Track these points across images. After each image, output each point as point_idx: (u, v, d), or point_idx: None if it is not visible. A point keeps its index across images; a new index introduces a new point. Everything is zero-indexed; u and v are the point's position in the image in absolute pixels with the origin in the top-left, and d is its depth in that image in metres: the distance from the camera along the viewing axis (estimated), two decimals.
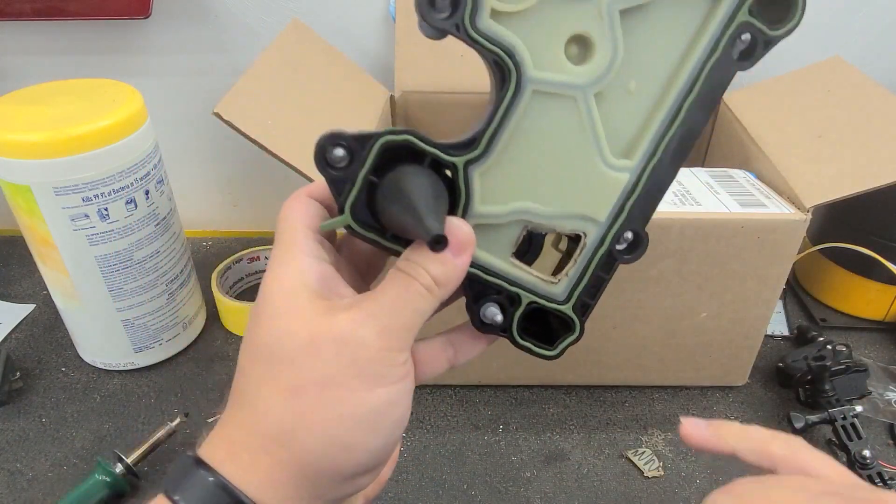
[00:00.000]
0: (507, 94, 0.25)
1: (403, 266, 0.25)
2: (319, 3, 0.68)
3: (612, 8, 0.25)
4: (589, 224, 0.28)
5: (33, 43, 0.69)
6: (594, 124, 0.27)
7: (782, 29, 0.27)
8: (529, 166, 0.27)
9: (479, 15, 0.24)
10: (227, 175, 0.79)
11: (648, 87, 0.27)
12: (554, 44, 0.26)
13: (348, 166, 0.24)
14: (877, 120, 0.54)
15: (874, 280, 0.63)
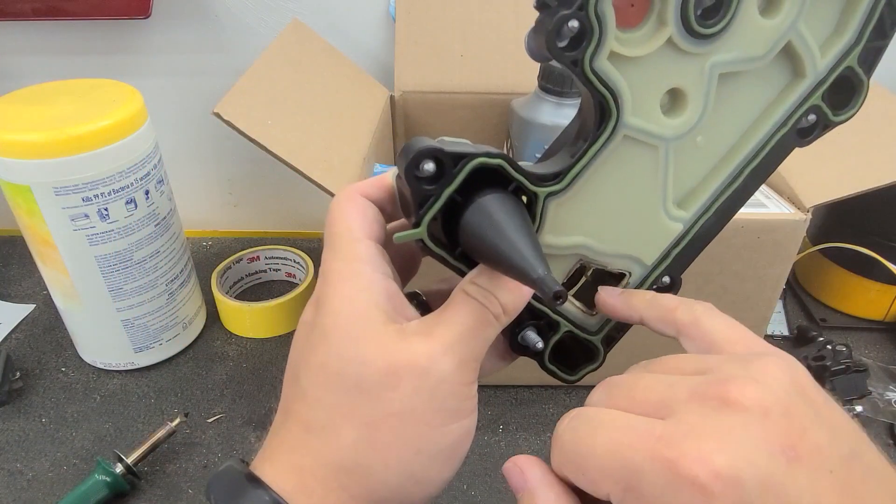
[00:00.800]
0: (604, 135, 0.26)
1: (473, 292, 0.24)
2: (319, 3, 0.68)
3: (714, 70, 0.26)
4: (635, 265, 0.29)
5: (33, 43, 0.69)
6: (667, 175, 0.28)
7: (842, 115, 0.29)
8: (599, 204, 0.27)
9: (599, 55, 0.24)
10: (227, 175, 0.79)
11: (716, 145, 0.28)
12: (653, 94, 0.26)
13: (435, 181, 0.23)
14: (877, 120, 0.54)
15: (874, 280, 0.63)
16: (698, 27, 0.25)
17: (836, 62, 0.28)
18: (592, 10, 0.23)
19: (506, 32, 0.66)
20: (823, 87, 0.28)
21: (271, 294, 0.70)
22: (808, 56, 0.27)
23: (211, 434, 0.54)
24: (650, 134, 0.26)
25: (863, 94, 0.28)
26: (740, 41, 0.26)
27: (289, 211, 0.82)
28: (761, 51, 0.26)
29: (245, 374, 0.60)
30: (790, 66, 0.28)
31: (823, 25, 0.27)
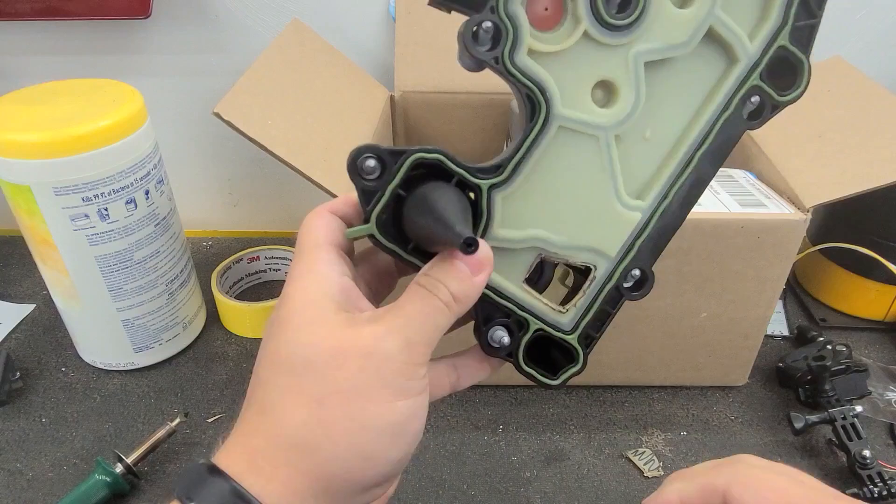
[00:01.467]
0: (536, 126, 0.27)
1: (423, 282, 0.26)
2: (319, 3, 0.68)
3: (639, 59, 0.28)
4: (599, 258, 0.30)
5: (33, 43, 0.69)
6: (612, 163, 0.29)
7: (789, 95, 0.29)
8: (549, 196, 0.28)
9: (517, 51, 0.26)
10: (227, 175, 0.79)
11: (664, 135, 0.29)
12: (582, 86, 0.28)
13: (379, 178, 0.25)
14: (877, 120, 0.54)
15: (874, 280, 0.63)
16: (611, 19, 0.27)
17: (767, 44, 0.29)
18: (502, 10, 0.25)
19: None
20: (759, 68, 0.29)
21: (271, 294, 0.70)
22: (736, 41, 0.28)
23: (211, 434, 0.54)
24: (585, 123, 0.28)
25: (804, 72, 0.29)
26: (659, 30, 0.28)
27: (289, 211, 0.82)
28: (682, 38, 0.28)
29: (245, 374, 0.60)
30: (721, 52, 0.29)
31: (746, 12, 0.29)
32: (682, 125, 0.29)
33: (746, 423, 0.56)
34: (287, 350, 0.25)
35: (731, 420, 0.56)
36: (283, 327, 0.25)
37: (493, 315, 0.29)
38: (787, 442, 0.54)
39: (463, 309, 0.26)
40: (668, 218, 0.30)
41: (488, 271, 0.26)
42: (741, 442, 0.54)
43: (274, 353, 0.25)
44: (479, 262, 0.26)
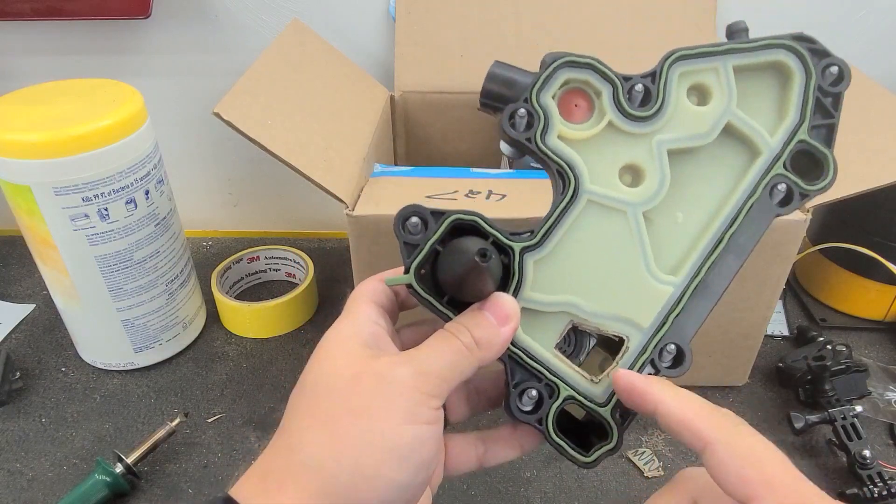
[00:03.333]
0: (566, 197, 0.30)
1: (449, 326, 0.28)
2: (319, 3, 0.68)
3: (661, 146, 0.31)
4: (632, 329, 0.30)
5: (33, 43, 0.69)
6: (642, 237, 0.31)
7: (817, 185, 0.31)
8: (580, 264, 0.30)
9: (548, 134, 0.30)
10: (227, 175, 0.79)
11: (694, 218, 0.32)
12: (610, 167, 0.31)
13: (420, 234, 0.28)
14: (877, 120, 0.54)
15: (874, 280, 0.63)
16: (633, 111, 0.30)
17: (788, 139, 0.31)
18: (535, 101, 0.30)
19: (506, 32, 0.66)
20: (781, 159, 0.31)
21: (271, 294, 0.70)
22: (756, 135, 0.31)
23: (211, 434, 0.54)
24: (613, 199, 0.30)
25: (829, 165, 0.31)
26: (680, 123, 0.31)
27: (289, 211, 0.82)
28: (702, 130, 0.31)
29: (245, 374, 0.60)
30: (743, 145, 0.32)
31: (764, 110, 0.32)
32: (711, 209, 0.32)
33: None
34: (312, 378, 0.27)
35: None
36: (313, 362, 0.27)
37: (524, 378, 0.30)
38: (787, 442, 0.54)
39: (486, 356, 0.27)
40: (702, 294, 0.31)
41: (514, 325, 0.28)
42: None
43: (301, 382, 0.27)
44: (505, 314, 0.27)
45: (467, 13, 0.66)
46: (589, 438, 0.31)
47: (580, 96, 0.31)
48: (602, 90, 0.30)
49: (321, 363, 0.27)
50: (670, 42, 0.65)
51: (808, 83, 0.31)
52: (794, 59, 0.31)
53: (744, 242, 0.31)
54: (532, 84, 0.30)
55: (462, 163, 0.69)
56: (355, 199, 0.49)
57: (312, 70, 0.58)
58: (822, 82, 0.31)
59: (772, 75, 0.32)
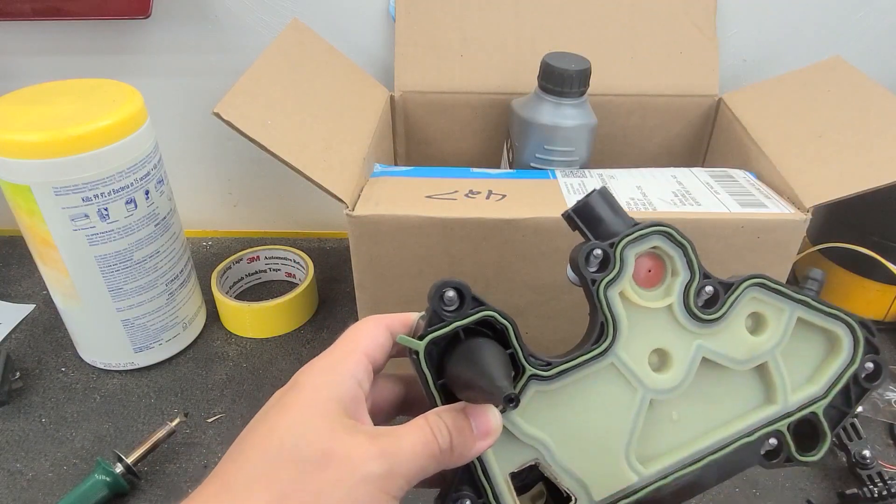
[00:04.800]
0: (597, 350, 0.30)
1: (432, 421, 0.26)
2: (319, 3, 0.68)
3: (699, 350, 0.31)
4: (583, 495, 0.31)
5: (33, 43, 0.69)
6: (638, 421, 0.31)
7: (805, 457, 0.32)
8: (571, 414, 0.30)
9: (613, 286, 0.30)
10: (227, 175, 0.79)
11: (688, 425, 0.32)
12: (646, 343, 0.31)
13: (451, 311, 0.28)
14: (877, 120, 0.54)
15: (874, 280, 0.63)
16: (694, 309, 0.31)
17: (805, 404, 0.32)
18: (619, 250, 0.30)
19: (506, 32, 0.66)
20: (789, 419, 0.32)
21: (271, 294, 0.70)
22: (781, 385, 0.32)
23: (211, 434, 0.54)
24: (633, 373, 0.31)
25: (824, 445, 0.32)
26: (726, 340, 0.32)
27: (289, 211, 0.82)
28: (741, 356, 0.32)
29: (245, 374, 0.60)
30: (765, 388, 0.33)
31: (800, 368, 0.33)
32: (707, 426, 0.32)
33: None
34: (279, 437, 0.25)
35: None
36: (285, 412, 0.25)
37: (467, 487, 0.29)
38: None
39: (453, 463, 0.26)
40: (657, 497, 0.31)
41: (491, 442, 0.27)
42: None
43: (266, 434, 0.25)
44: (488, 430, 0.27)
45: (467, 13, 0.66)
46: None
47: (658, 267, 0.31)
48: (680, 273, 0.31)
49: (295, 422, 0.25)
50: (670, 42, 0.66)
51: (848, 367, 0.32)
52: (849, 340, 0.33)
53: (715, 474, 0.32)
54: (624, 234, 0.30)
55: (462, 163, 0.69)
56: (355, 199, 0.49)
57: (312, 70, 0.58)
58: (859, 372, 0.32)
59: (822, 341, 0.33)
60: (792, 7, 0.68)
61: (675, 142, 0.70)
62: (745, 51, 0.71)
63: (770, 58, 0.71)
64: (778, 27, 0.69)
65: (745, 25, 0.69)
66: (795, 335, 0.32)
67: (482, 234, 0.47)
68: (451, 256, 0.48)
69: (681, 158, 0.71)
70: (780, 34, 0.70)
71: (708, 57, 0.66)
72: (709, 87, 0.67)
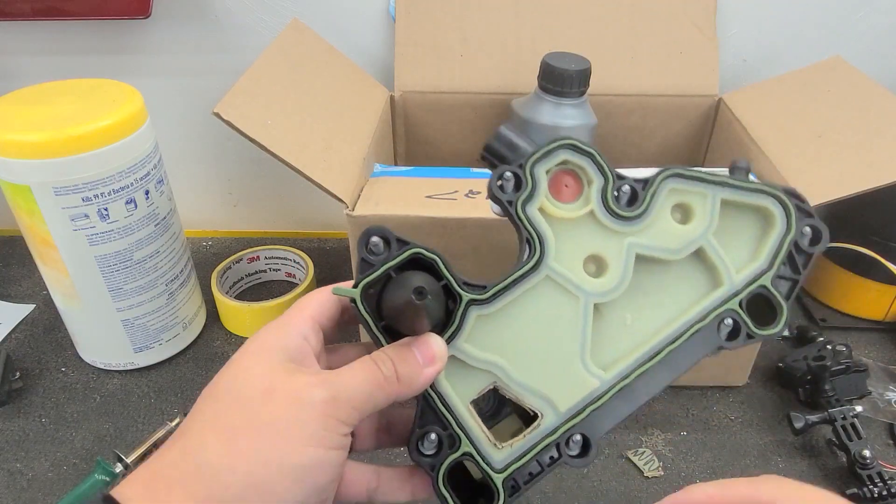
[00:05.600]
0: (527, 266, 0.31)
1: (374, 355, 0.28)
2: (319, 3, 0.68)
3: (631, 248, 0.32)
4: (548, 408, 0.31)
5: (33, 43, 0.69)
6: (586, 326, 0.31)
7: (765, 331, 0.32)
8: (519, 332, 0.31)
9: (530, 203, 0.31)
10: (227, 175, 0.79)
11: (642, 325, 0.32)
12: (577, 253, 0.32)
13: (381, 255, 0.29)
14: (877, 120, 0.54)
15: (874, 280, 0.63)
16: (616, 209, 0.32)
17: (751, 280, 0.33)
18: (528, 169, 0.31)
19: (506, 32, 0.66)
20: (739, 297, 0.32)
21: (271, 294, 0.70)
22: (723, 267, 0.32)
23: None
24: (570, 282, 0.31)
25: (782, 316, 0.32)
26: (656, 233, 0.32)
27: (289, 211, 0.82)
28: (674, 246, 0.32)
29: None
30: (708, 273, 0.33)
31: (739, 248, 0.33)
32: (661, 321, 0.32)
33: (746, 423, 0.56)
34: (224, 384, 0.26)
35: (731, 420, 0.56)
36: (232, 364, 0.27)
37: (431, 421, 0.30)
38: (787, 442, 0.54)
39: (403, 392, 0.27)
40: (624, 396, 0.31)
41: (438, 368, 0.28)
42: (741, 442, 0.54)
43: (213, 385, 0.27)
44: (431, 355, 0.28)
45: (467, 13, 0.66)
46: (477, 500, 0.31)
47: (572, 178, 0.32)
48: (594, 180, 0.32)
49: (237, 370, 0.27)
50: (670, 41, 0.66)
51: (786, 236, 0.33)
52: (780, 211, 0.33)
53: (679, 362, 0.32)
54: (531, 154, 0.31)
55: (462, 163, 0.69)
56: (355, 199, 0.49)
57: (312, 70, 0.58)
58: (799, 239, 0.33)
59: (755, 219, 0.34)
60: (792, 7, 0.68)
61: (675, 142, 0.70)
62: (745, 51, 0.71)
63: (770, 58, 0.71)
64: (778, 27, 0.69)
65: (745, 25, 0.69)
66: (726, 217, 0.33)
67: (482, 234, 0.47)
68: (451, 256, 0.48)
69: (681, 158, 0.71)
70: (780, 34, 0.70)
71: (708, 57, 0.66)
72: (709, 87, 0.67)
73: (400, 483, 0.32)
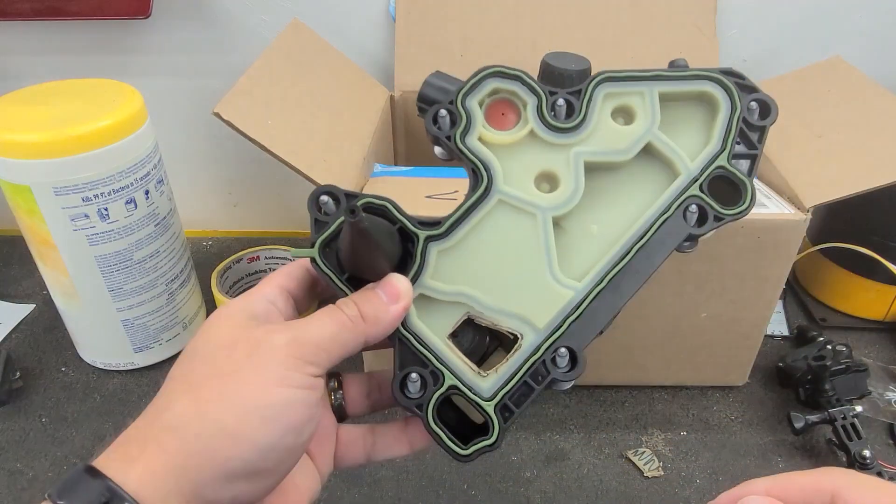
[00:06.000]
0: (476, 193, 0.31)
1: (339, 301, 0.28)
2: (319, 3, 0.68)
3: (578, 158, 0.32)
4: (527, 328, 0.31)
5: (33, 43, 0.69)
6: (548, 240, 0.31)
7: (733, 210, 0.32)
8: (483, 259, 0.31)
9: (468, 135, 0.31)
10: (227, 175, 0.79)
11: (608, 231, 0.32)
12: (526, 173, 0.32)
13: (332, 213, 0.29)
14: (877, 120, 0.54)
15: (874, 280, 0.63)
16: (554, 122, 0.32)
17: (707, 163, 0.32)
18: (459, 104, 0.31)
19: (506, 32, 0.66)
20: (699, 182, 0.32)
21: None
22: (676, 157, 0.32)
23: None
24: (524, 201, 0.31)
25: (747, 192, 0.32)
26: (601, 138, 0.32)
27: (289, 211, 0.82)
28: (621, 146, 0.32)
29: None
30: (663, 166, 0.33)
31: (689, 136, 0.33)
32: (625, 223, 0.32)
33: (746, 423, 0.56)
34: (191, 347, 0.27)
35: (731, 420, 0.56)
36: (198, 332, 0.27)
37: (411, 362, 0.30)
38: (787, 442, 0.54)
39: (373, 331, 0.28)
40: (602, 302, 0.31)
41: (404, 304, 0.28)
42: (741, 442, 0.54)
43: (184, 353, 0.27)
44: (396, 292, 0.28)
45: (467, 13, 0.66)
46: (471, 435, 0.30)
47: (508, 107, 0.32)
48: (528, 101, 0.32)
49: (202, 333, 0.27)
50: (670, 41, 0.66)
51: (733, 115, 0.32)
52: (721, 92, 0.32)
53: (650, 257, 0.32)
54: (459, 88, 0.31)
55: None
56: None
57: (312, 70, 0.58)
58: (748, 116, 0.32)
59: (699, 106, 0.33)
60: (792, 7, 0.68)
61: None
62: (745, 51, 0.71)
63: (770, 58, 0.71)
64: (778, 27, 0.69)
65: (745, 25, 0.69)
66: (669, 109, 0.33)
67: None
68: None
69: None
70: (780, 34, 0.70)
71: (708, 57, 0.66)
72: None
73: (396, 436, 0.32)
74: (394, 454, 0.32)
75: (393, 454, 0.32)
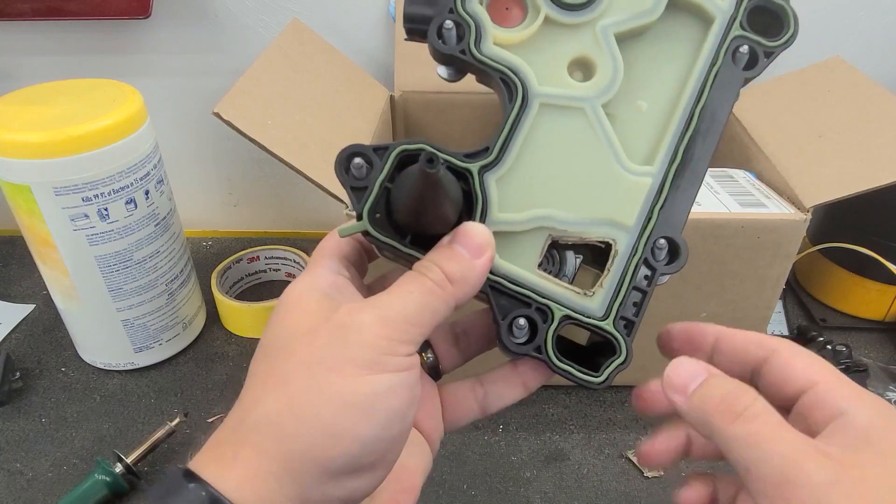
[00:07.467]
0: (515, 105, 0.28)
1: (417, 265, 0.25)
2: (319, 3, 0.68)
3: (607, 31, 0.29)
4: (617, 231, 0.28)
5: (33, 43, 0.69)
6: (606, 131, 0.28)
7: (780, 40, 0.29)
8: (546, 173, 0.28)
9: (483, 42, 0.28)
10: (227, 175, 0.79)
11: (659, 103, 0.29)
12: (557, 65, 0.29)
13: (367, 175, 0.25)
14: (877, 120, 0.54)
15: (874, 280, 0.63)
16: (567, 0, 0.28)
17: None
18: (461, 9, 0.28)
19: None
20: (738, 20, 0.29)
21: (271, 294, 0.70)
22: (705, 1, 0.29)
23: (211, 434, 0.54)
24: (566, 97, 0.28)
25: (789, 17, 0.29)
26: (621, 4, 0.29)
27: (289, 211, 0.82)
28: (647, 5, 0.29)
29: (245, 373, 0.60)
30: (694, 15, 0.30)
31: None
32: (675, 89, 0.29)
33: None
34: (267, 340, 0.25)
35: None
36: (271, 320, 0.25)
37: (511, 307, 0.27)
38: None
39: (462, 293, 0.25)
40: (683, 178, 0.29)
41: (490, 254, 0.25)
42: None
43: (261, 346, 0.25)
44: (477, 245, 0.25)
45: None
46: (595, 361, 0.28)
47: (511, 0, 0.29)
48: None
49: (275, 325, 0.25)
50: None
51: None
52: None
53: (716, 115, 0.29)
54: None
55: None
56: None
57: (312, 70, 0.58)
58: None
59: None
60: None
61: None
62: None
63: None
64: None
65: None
66: None
67: None
68: None
69: None
70: None
71: None
72: None
73: (508, 380, 0.30)
74: (510, 400, 0.30)
75: (509, 400, 0.30)
